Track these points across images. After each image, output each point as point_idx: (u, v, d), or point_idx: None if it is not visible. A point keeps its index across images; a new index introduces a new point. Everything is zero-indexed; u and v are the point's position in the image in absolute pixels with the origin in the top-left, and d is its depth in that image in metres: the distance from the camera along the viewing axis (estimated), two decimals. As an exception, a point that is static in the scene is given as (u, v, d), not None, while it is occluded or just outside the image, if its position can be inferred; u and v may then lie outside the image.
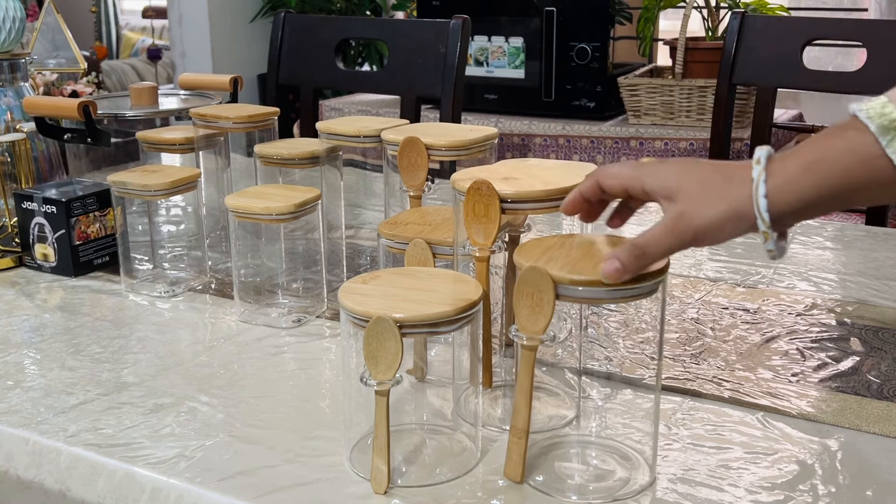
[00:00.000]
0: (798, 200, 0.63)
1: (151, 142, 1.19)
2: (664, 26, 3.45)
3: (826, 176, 0.62)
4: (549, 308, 0.64)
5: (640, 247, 0.64)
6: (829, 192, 0.62)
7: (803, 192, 0.62)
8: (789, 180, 0.63)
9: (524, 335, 0.66)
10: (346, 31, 1.94)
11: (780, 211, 0.63)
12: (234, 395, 0.84)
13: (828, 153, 0.62)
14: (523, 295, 0.65)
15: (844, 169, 0.61)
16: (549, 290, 0.64)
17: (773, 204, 0.62)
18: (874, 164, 0.61)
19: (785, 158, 0.64)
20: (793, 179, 0.63)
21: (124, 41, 6.51)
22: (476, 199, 0.73)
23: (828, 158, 0.62)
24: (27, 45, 1.56)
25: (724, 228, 0.64)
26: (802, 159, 0.63)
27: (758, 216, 0.63)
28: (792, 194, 0.63)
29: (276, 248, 1.05)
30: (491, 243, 0.74)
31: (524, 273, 0.64)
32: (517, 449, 0.68)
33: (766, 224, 0.63)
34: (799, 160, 0.63)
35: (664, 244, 0.65)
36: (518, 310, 0.65)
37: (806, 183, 0.62)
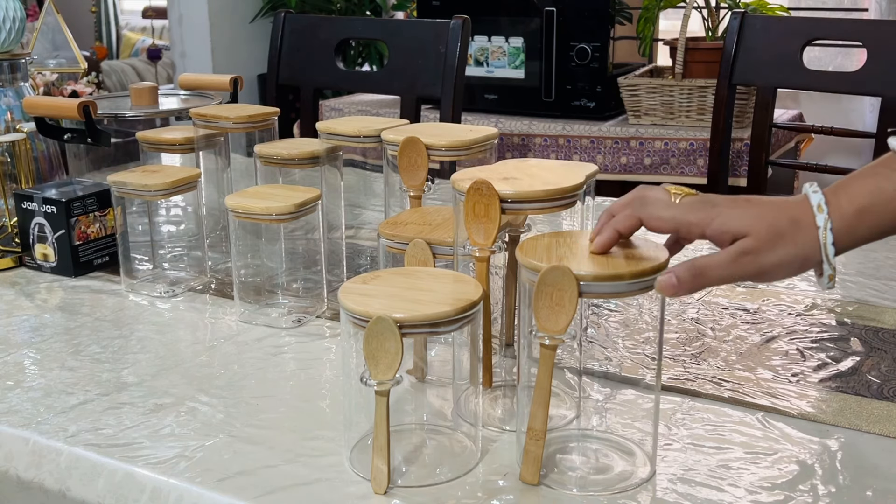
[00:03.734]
0: (854, 243, 0.67)
1: (151, 142, 1.19)
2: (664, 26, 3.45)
3: (880, 219, 0.66)
4: (571, 306, 0.64)
5: (700, 267, 0.65)
6: (883, 233, 0.66)
7: (860, 236, 0.66)
8: (848, 226, 0.66)
9: (545, 335, 0.66)
10: (346, 31, 1.94)
11: (841, 250, 0.66)
12: (234, 395, 0.84)
13: (880, 197, 0.66)
14: (542, 295, 0.65)
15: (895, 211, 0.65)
16: (572, 288, 0.64)
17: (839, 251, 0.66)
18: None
19: (841, 199, 0.66)
20: (851, 225, 0.66)
21: (124, 41, 6.51)
22: (476, 199, 0.73)
23: (880, 203, 0.65)
24: (27, 45, 1.56)
25: (786, 269, 0.67)
26: (857, 203, 0.66)
27: (825, 261, 0.66)
28: (850, 239, 0.66)
29: (276, 248, 1.05)
30: (491, 243, 0.74)
31: (545, 273, 0.64)
32: (535, 452, 0.68)
33: (832, 268, 0.66)
34: (853, 203, 0.66)
35: (725, 271, 0.66)
36: (538, 310, 0.65)
37: (863, 226, 0.66)
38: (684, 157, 2.36)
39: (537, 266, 0.65)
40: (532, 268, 0.65)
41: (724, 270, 0.66)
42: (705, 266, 0.65)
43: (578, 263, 0.65)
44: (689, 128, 2.39)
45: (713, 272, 0.66)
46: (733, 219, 0.67)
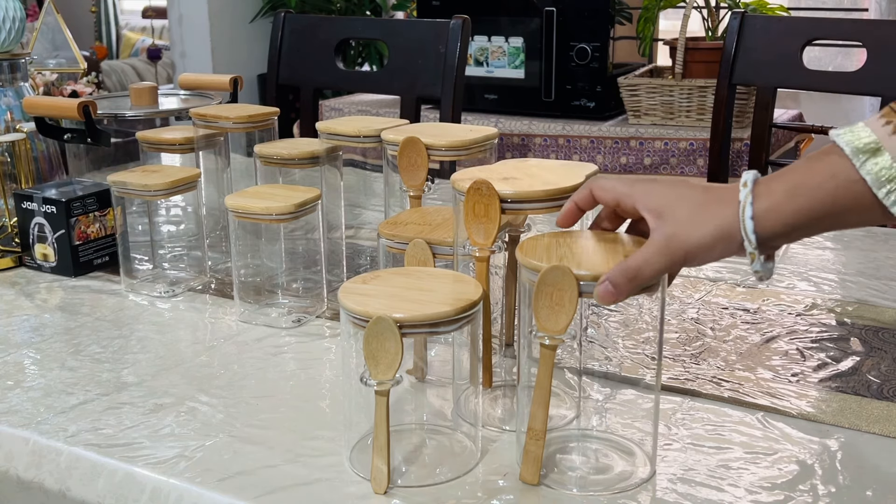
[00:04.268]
0: (783, 224, 0.64)
1: (151, 142, 1.19)
2: (664, 26, 3.45)
3: (809, 199, 0.64)
4: (571, 306, 0.64)
5: (633, 269, 0.65)
6: (813, 215, 0.64)
7: (787, 216, 0.64)
8: (774, 204, 0.64)
9: (545, 335, 0.66)
10: (346, 31, 1.94)
11: (766, 233, 0.64)
12: (234, 395, 0.84)
13: (810, 177, 0.64)
14: (542, 295, 0.65)
15: (826, 193, 0.63)
16: (573, 288, 0.64)
17: (760, 226, 0.64)
18: (853, 187, 0.62)
19: (771, 181, 0.65)
20: (778, 203, 0.64)
21: (124, 41, 6.51)
22: (476, 199, 0.73)
23: (810, 183, 0.64)
24: (27, 45, 1.56)
25: (714, 249, 0.65)
26: (787, 183, 0.65)
27: (745, 237, 0.64)
28: (777, 218, 0.64)
29: (276, 248, 1.05)
30: (491, 243, 0.74)
31: (545, 273, 0.64)
32: (535, 452, 0.68)
33: (752, 245, 0.64)
34: (784, 184, 0.65)
35: (657, 265, 0.65)
36: (538, 310, 0.65)
37: (790, 207, 0.64)
38: (684, 157, 2.36)
39: (537, 266, 0.65)
40: (532, 268, 0.65)
41: (655, 264, 0.65)
42: (638, 266, 0.65)
43: (579, 263, 0.65)
44: (689, 128, 2.39)
45: (646, 269, 0.65)
46: (660, 195, 0.67)
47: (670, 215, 0.66)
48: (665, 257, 0.65)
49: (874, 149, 0.62)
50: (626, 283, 0.64)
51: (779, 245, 0.66)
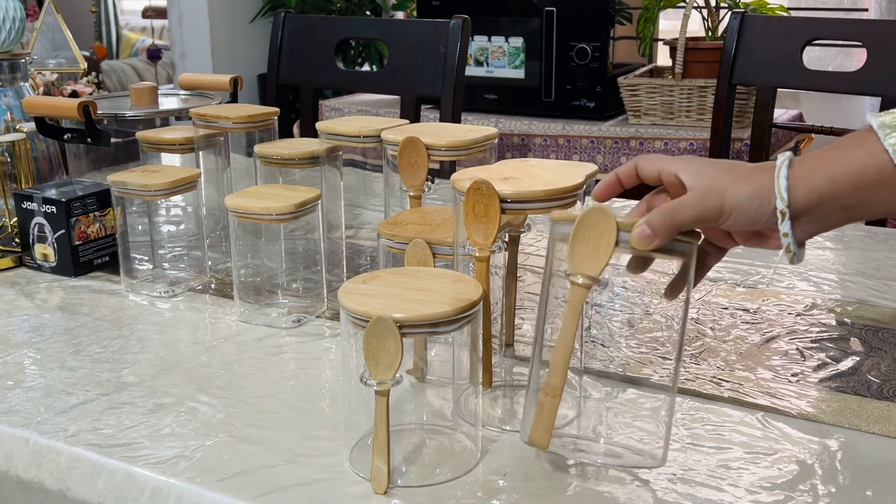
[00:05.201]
0: (813, 191, 0.66)
1: (151, 142, 1.19)
2: (664, 26, 3.45)
3: (837, 167, 0.66)
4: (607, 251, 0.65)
5: (671, 210, 0.67)
6: (842, 186, 0.66)
7: (817, 182, 0.66)
8: (807, 172, 0.67)
9: (579, 274, 0.66)
10: (346, 31, 1.94)
11: (798, 198, 0.66)
12: (234, 395, 0.84)
13: (839, 150, 0.67)
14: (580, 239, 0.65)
15: (852, 162, 0.66)
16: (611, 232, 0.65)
17: (792, 189, 0.66)
18: (878, 158, 0.64)
19: (804, 157, 0.68)
20: (809, 172, 0.67)
21: (124, 41, 6.51)
22: (476, 199, 0.73)
23: (838, 155, 0.67)
24: (27, 45, 1.56)
25: (749, 207, 0.68)
26: (818, 157, 0.68)
27: (777, 195, 0.66)
28: (809, 185, 0.66)
29: (276, 248, 1.05)
30: (491, 243, 0.74)
31: (584, 215, 0.65)
32: (549, 409, 0.65)
33: (784, 202, 0.66)
34: (814, 157, 0.68)
35: (693, 210, 0.67)
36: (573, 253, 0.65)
37: (819, 173, 0.66)
38: (684, 157, 2.35)
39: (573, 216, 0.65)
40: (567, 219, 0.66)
41: (692, 209, 0.67)
42: (675, 207, 0.67)
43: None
44: (689, 128, 2.39)
45: (683, 212, 0.67)
46: (702, 164, 0.71)
47: (709, 175, 0.69)
48: (702, 204, 0.67)
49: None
50: (664, 225, 0.66)
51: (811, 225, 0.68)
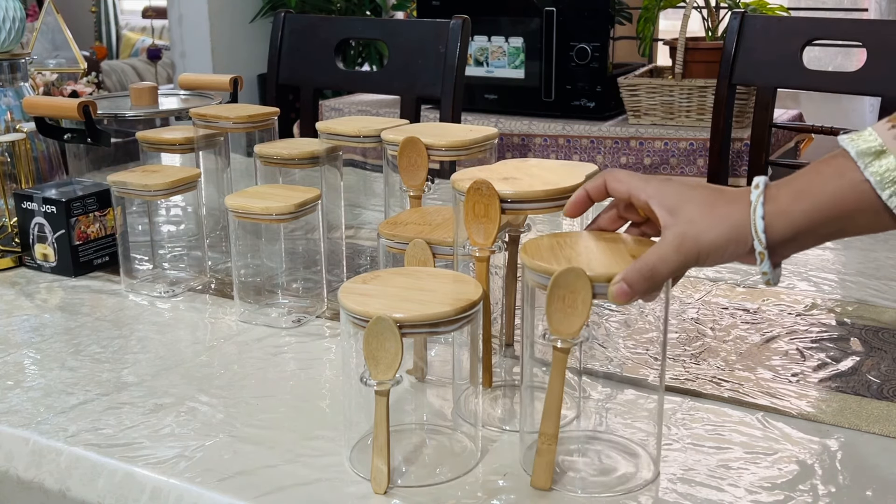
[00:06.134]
0: (792, 227, 0.65)
1: (151, 142, 1.19)
2: (664, 26, 3.45)
3: (816, 201, 0.64)
4: (584, 308, 0.63)
5: (648, 268, 0.65)
6: (820, 218, 0.64)
7: (796, 218, 0.65)
8: (784, 206, 0.65)
9: (558, 338, 0.65)
10: (346, 31, 1.94)
11: (775, 235, 0.65)
12: (234, 395, 0.84)
13: (818, 181, 0.65)
14: (555, 298, 0.64)
15: (832, 195, 0.64)
16: (586, 290, 0.63)
17: (770, 228, 0.65)
18: (858, 188, 0.63)
19: (780, 185, 0.66)
20: (787, 205, 0.65)
21: (124, 41, 6.51)
22: (476, 199, 0.73)
23: (818, 186, 0.65)
24: (27, 45, 1.56)
25: (725, 250, 0.66)
26: (795, 187, 0.66)
27: (754, 237, 0.65)
28: (786, 221, 0.65)
29: (276, 248, 1.05)
30: (491, 243, 0.74)
31: (558, 276, 0.63)
32: (547, 456, 0.67)
33: (762, 245, 0.65)
34: (792, 188, 0.66)
35: (672, 263, 0.65)
36: (551, 313, 0.64)
37: (798, 208, 0.65)
38: (684, 157, 2.36)
39: (548, 269, 0.64)
40: (542, 270, 0.65)
41: (670, 262, 0.65)
42: (653, 264, 0.65)
43: (588, 265, 0.64)
44: (688, 128, 2.39)
45: (661, 268, 0.65)
46: (674, 193, 0.68)
47: (683, 214, 0.66)
48: (679, 255, 0.65)
49: (879, 151, 0.63)
50: (643, 281, 0.64)
51: (787, 251, 0.67)
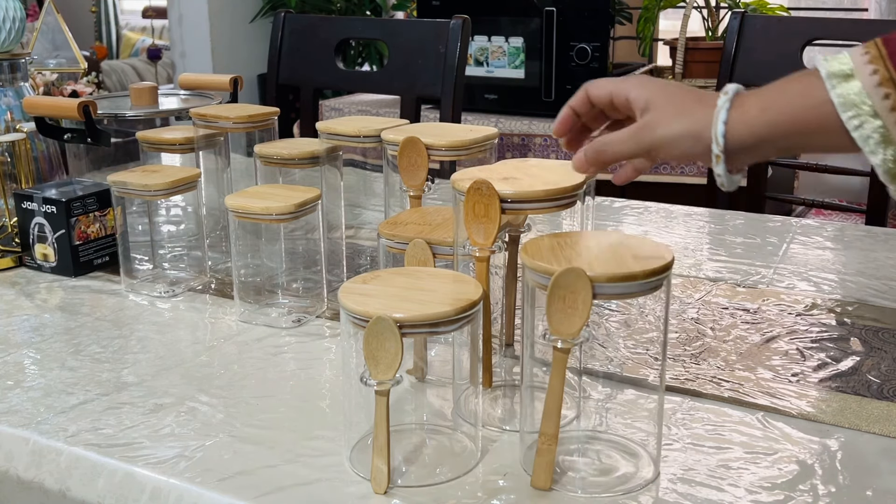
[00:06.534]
0: (752, 135, 0.68)
1: (151, 142, 1.19)
2: (664, 26, 3.45)
3: (779, 114, 0.67)
4: (585, 309, 0.63)
5: (603, 143, 0.72)
6: (782, 131, 0.68)
7: (757, 128, 0.68)
8: (748, 115, 0.68)
9: (559, 338, 0.65)
10: (346, 31, 1.94)
11: (735, 140, 0.68)
12: (234, 395, 0.84)
13: (784, 94, 0.68)
14: (556, 298, 0.64)
15: (795, 110, 0.67)
16: (587, 290, 0.63)
17: (730, 133, 0.68)
18: (822, 108, 0.66)
19: (749, 95, 0.70)
20: (750, 114, 0.68)
21: (124, 41, 6.51)
22: (476, 200, 0.73)
23: (783, 99, 0.68)
24: (27, 45, 1.56)
25: (680, 144, 0.70)
26: (763, 97, 0.69)
27: (713, 139, 0.69)
28: (747, 129, 0.68)
29: (276, 248, 1.05)
30: (491, 243, 0.74)
31: (558, 276, 0.63)
32: (547, 456, 0.67)
33: (719, 148, 0.69)
34: (760, 98, 0.69)
35: (625, 145, 0.72)
36: (551, 314, 0.64)
37: (762, 119, 0.68)
38: (684, 157, 2.35)
39: (548, 269, 0.64)
40: (542, 271, 0.65)
41: (624, 143, 0.72)
42: (608, 141, 0.72)
43: (589, 265, 0.64)
44: (689, 128, 2.38)
45: (614, 146, 0.72)
46: (650, 89, 0.72)
47: (653, 108, 0.71)
48: (633, 140, 0.72)
49: (847, 75, 0.65)
50: (595, 154, 0.73)
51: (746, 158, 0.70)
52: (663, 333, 0.71)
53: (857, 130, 0.65)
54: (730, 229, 1.34)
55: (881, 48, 0.65)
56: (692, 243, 1.26)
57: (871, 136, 0.64)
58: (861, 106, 0.64)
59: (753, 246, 1.25)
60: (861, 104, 0.64)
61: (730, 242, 1.27)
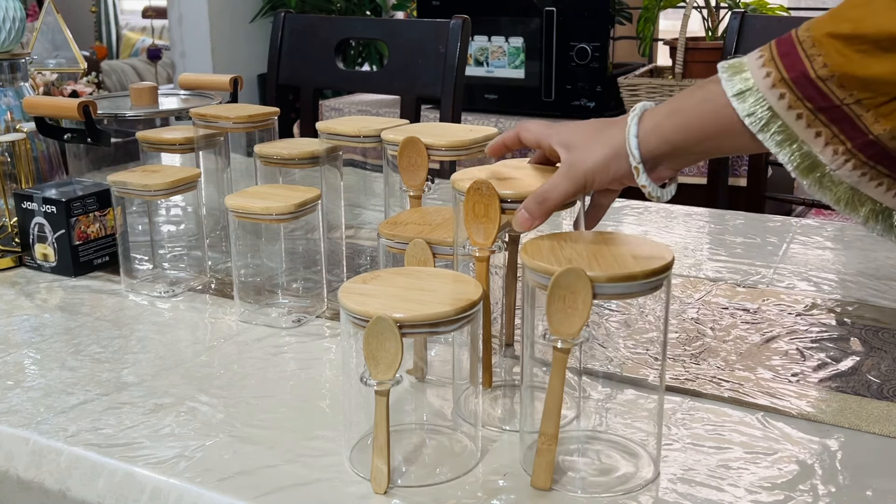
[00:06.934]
0: (664, 141, 0.72)
1: (151, 142, 1.19)
2: (664, 26, 3.45)
3: (686, 119, 0.71)
4: (585, 309, 0.63)
5: (541, 194, 0.73)
6: (690, 134, 0.71)
7: (667, 133, 0.71)
8: (656, 124, 0.72)
9: (559, 338, 0.65)
10: (346, 31, 1.94)
11: (648, 150, 0.72)
12: (234, 395, 0.84)
13: (688, 101, 0.71)
14: (556, 298, 0.64)
15: (701, 114, 0.70)
16: (587, 290, 0.63)
17: (644, 143, 0.72)
18: (724, 111, 0.68)
19: (657, 108, 0.74)
20: (659, 123, 0.72)
21: (124, 41, 6.51)
22: (476, 200, 0.73)
23: (688, 106, 0.71)
24: (27, 45, 1.56)
25: (608, 168, 0.74)
26: (669, 106, 0.73)
27: (629, 152, 0.72)
28: (658, 136, 0.72)
29: (276, 248, 1.05)
30: (491, 243, 0.74)
31: (558, 276, 0.63)
32: (548, 457, 0.67)
33: (636, 160, 0.72)
34: (666, 107, 0.73)
35: (561, 187, 0.74)
36: (551, 314, 0.64)
37: (669, 124, 0.71)
38: (684, 157, 2.35)
39: (548, 269, 0.64)
40: (542, 271, 0.64)
41: (560, 187, 0.73)
42: (546, 190, 0.73)
43: (589, 265, 0.64)
44: (689, 128, 2.38)
45: (553, 193, 0.73)
46: (569, 131, 0.77)
47: (574, 146, 0.75)
48: (568, 180, 0.74)
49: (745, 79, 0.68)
50: (537, 206, 0.73)
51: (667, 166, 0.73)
52: (663, 333, 0.71)
53: (760, 133, 0.67)
54: (730, 229, 1.34)
55: (773, 50, 0.67)
56: (692, 243, 1.26)
57: (774, 136, 0.67)
58: (759, 108, 0.66)
59: (753, 246, 1.25)
60: (760, 107, 0.66)
61: (730, 242, 1.27)
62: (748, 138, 0.68)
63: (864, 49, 0.63)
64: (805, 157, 0.67)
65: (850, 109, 0.64)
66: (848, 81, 0.64)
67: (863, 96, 0.64)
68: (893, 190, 0.67)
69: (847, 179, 0.67)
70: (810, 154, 0.66)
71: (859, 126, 0.64)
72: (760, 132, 0.67)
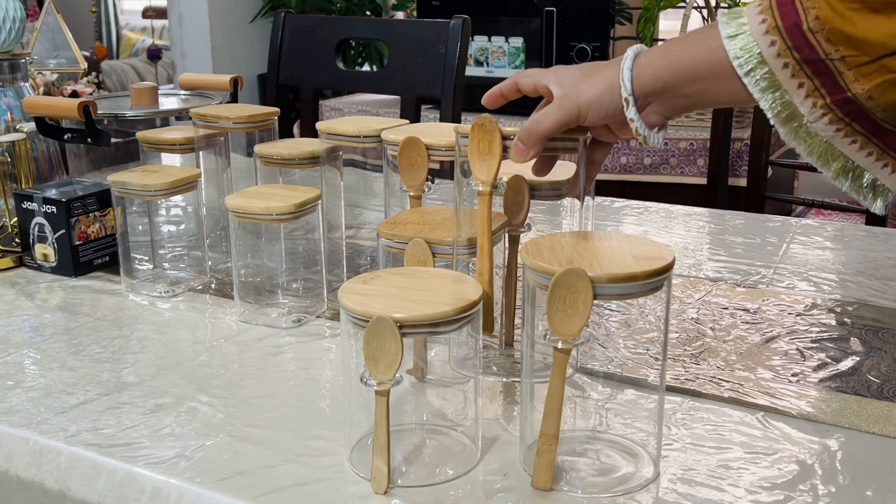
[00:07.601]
0: (656, 79, 0.73)
1: (151, 142, 1.19)
2: (664, 26, 3.45)
3: (678, 59, 0.73)
4: (585, 309, 0.63)
5: (533, 121, 0.75)
6: (682, 76, 0.72)
7: (660, 72, 0.73)
8: (651, 62, 0.74)
9: (559, 339, 0.65)
10: (346, 31, 1.94)
11: (641, 84, 0.74)
12: (234, 395, 0.84)
13: (684, 43, 0.73)
14: (556, 298, 0.64)
15: (694, 55, 0.72)
16: (587, 291, 0.63)
17: (636, 77, 0.74)
18: (716, 54, 0.70)
19: (653, 48, 0.76)
20: (653, 61, 0.74)
21: (124, 41, 6.51)
22: (480, 136, 0.76)
23: (683, 47, 0.73)
24: (27, 45, 1.56)
25: (601, 102, 0.75)
26: (664, 46, 0.75)
27: (621, 85, 0.74)
28: (651, 72, 0.73)
29: (276, 248, 1.05)
30: (493, 178, 0.76)
31: (559, 276, 0.63)
32: (548, 457, 0.67)
33: (627, 90, 0.74)
34: (662, 47, 0.75)
35: (554, 116, 0.75)
36: (552, 314, 0.64)
37: (662, 64, 0.73)
38: (684, 157, 2.36)
39: (549, 269, 0.64)
40: (543, 271, 0.65)
41: (552, 116, 0.75)
42: (537, 118, 0.75)
43: (589, 265, 0.64)
44: (689, 128, 2.39)
45: (545, 121, 0.75)
46: (567, 72, 0.78)
47: (569, 83, 0.77)
48: (561, 109, 0.75)
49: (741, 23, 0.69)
50: (529, 137, 0.75)
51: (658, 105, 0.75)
52: (663, 333, 0.71)
53: (746, 76, 0.69)
54: (730, 229, 1.34)
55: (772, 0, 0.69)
56: (692, 243, 1.26)
57: (759, 81, 0.68)
58: (750, 53, 0.68)
59: (753, 246, 1.25)
60: (750, 51, 0.68)
61: (730, 242, 1.27)
62: (735, 81, 0.69)
63: (856, 7, 0.65)
64: (786, 107, 0.69)
65: (833, 65, 0.66)
66: (836, 36, 0.65)
67: (847, 53, 0.65)
68: (866, 149, 0.68)
69: (823, 133, 0.69)
70: (791, 104, 0.68)
71: (840, 82, 0.66)
72: (747, 76, 0.69)
